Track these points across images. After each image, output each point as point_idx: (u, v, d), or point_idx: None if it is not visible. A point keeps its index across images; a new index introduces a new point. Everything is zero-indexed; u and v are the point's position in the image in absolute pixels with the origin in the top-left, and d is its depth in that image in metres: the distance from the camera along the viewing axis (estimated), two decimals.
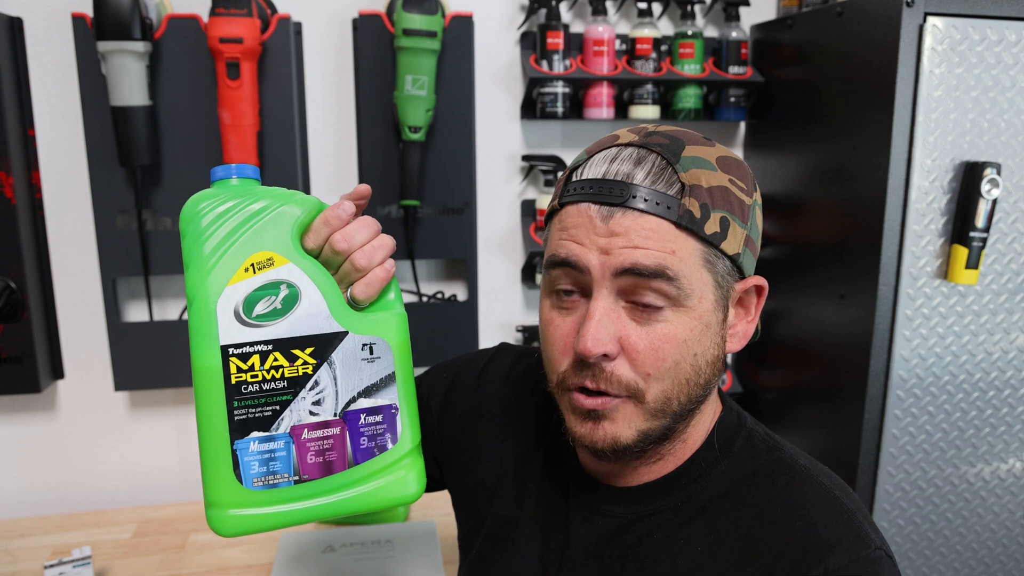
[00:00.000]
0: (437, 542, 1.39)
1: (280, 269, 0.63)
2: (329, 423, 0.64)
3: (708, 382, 0.66)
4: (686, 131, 0.66)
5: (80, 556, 1.20)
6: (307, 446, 0.64)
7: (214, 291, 0.62)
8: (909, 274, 1.25)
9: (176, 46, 1.37)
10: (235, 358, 0.62)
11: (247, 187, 0.65)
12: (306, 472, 0.63)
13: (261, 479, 0.63)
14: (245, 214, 0.63)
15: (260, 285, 0.62)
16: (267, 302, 0.63)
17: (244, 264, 0.62)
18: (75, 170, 1.45)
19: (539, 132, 1.65)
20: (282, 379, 0.63)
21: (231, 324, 0.62)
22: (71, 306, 1.50)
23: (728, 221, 0.62)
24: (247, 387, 0.62)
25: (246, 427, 0.62)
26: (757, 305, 0.69)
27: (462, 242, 1.57)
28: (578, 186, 0.63)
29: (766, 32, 1.62)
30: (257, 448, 0.62)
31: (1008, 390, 1.33)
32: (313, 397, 0.64)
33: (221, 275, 0.62)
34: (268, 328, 0.62)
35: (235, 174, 0.65)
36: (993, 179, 1.20)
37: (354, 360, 0.65)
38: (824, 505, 0.65)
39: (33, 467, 1.55)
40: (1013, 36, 1.20)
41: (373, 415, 0.65)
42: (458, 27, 1.48)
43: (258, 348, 0.62)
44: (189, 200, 0.64)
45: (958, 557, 1.38)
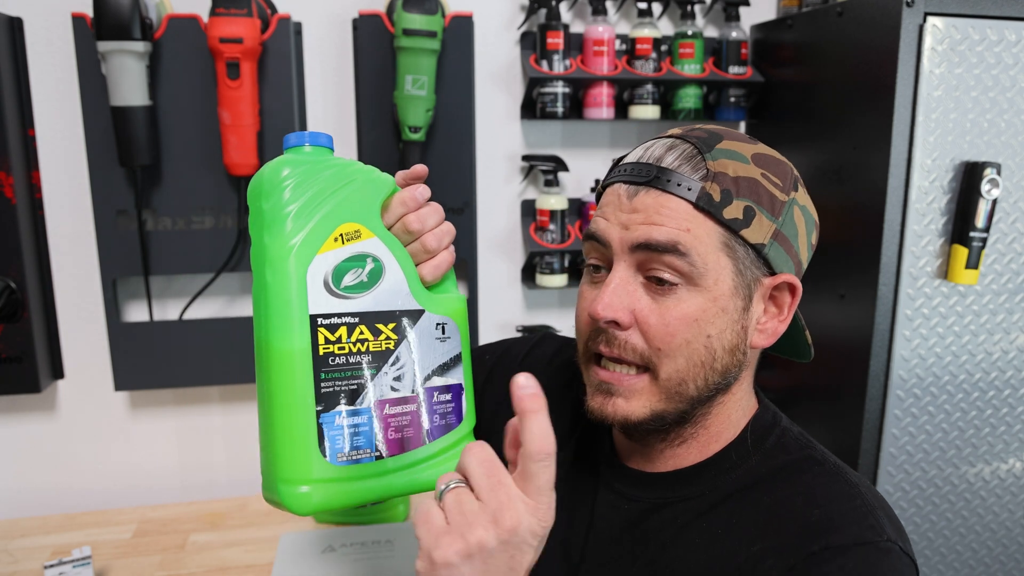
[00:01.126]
0: None
1: (367, 242, 0.62)
2: (408, 399, 0.64)
3: (726, 369, 0.67)
4: (731, 130, 0.70)
5: (80, 556, 1.20)
6: (388, 421, 0.63)
7: (304, 258, 0.60)
8: (909, 274, 1.25)
9: (176, 46, 1.37)
10: (324, 328, 0.60)
11: (323, 155, 0.63)
12: (385, 448, 0.62)
13: (345, 454, 0.60)
14: (331, 183, 0.62)
15: (349, 256, 0.61)
16: (355, 274, 0.62)
17: (334, 233, 0.61)
18: (75, 170, 1.45)
19: (539, 132, 1.65)
20: (367, 353, 0.62)
21: (320, 293, 0.60)
22: (71, 306, 1.50)
23: (753, 211, 0.64)
24: (334, 359, 0.61)
25: (333, 400, 0.60)
26: (791, 306, 0.69)
27: (462, 242, 1.57)
28: (617, 171, 0.69)
29: (766, 32, 1.62)
30: (343, 422, 0.60)
31: (1008, 390, 1.33)
32: (395, 372, 0.63)
33: (311, 243, 0.60)
34: (355, 300, 0.62)
35: (308, 141, 0.63)
36: (993, 179, 1.20)
37: (429, 338, 0.65)
38: (845, 499, 0.65)
39: (33, 467, 1.55)
40: (1013, 36, 1.20)
41: (444, 393, 0.66)
42: (458, 27, 1.47)
43: (346, 320, 0.61)
44: (268, 165, 0.62)
45: (958, 557, 1.38)
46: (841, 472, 0.68)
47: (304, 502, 0.59)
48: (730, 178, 0.64)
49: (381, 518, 1.47)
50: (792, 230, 0.67)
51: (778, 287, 0.68)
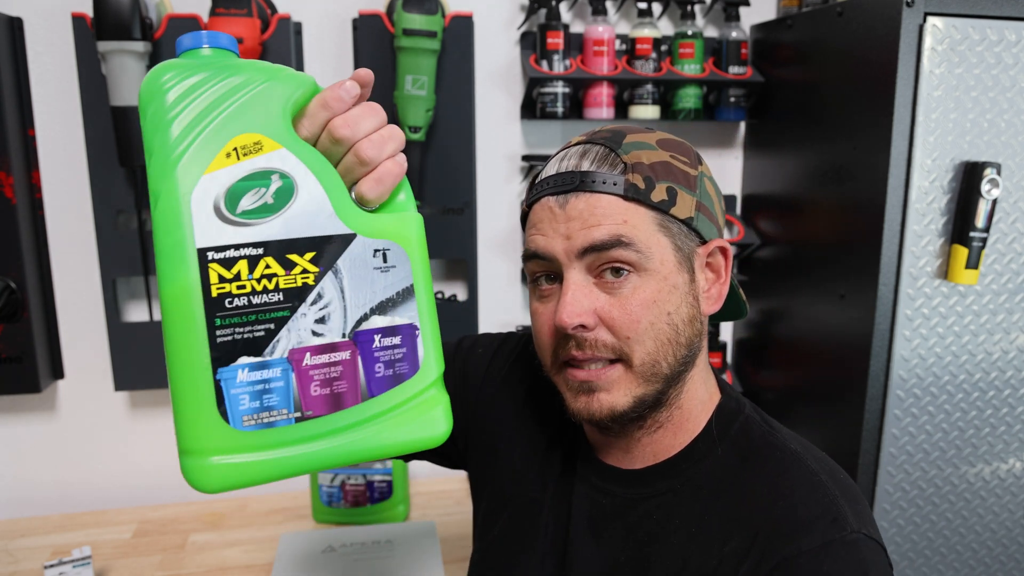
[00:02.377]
0: (437, 542, 1.39)
1: (271, 155, 0.50)
2: (337, 346, 0.52)
3: (690, 341, 0.70)
4: (629, 125, 0.74)
5: (80, 556, 1.20)
6: (310, 374, 0.51)
7: (187, 181, 0.48)
8: (909, 274, 1.25)
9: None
10: (216, 264, 0.49)
11: (222, 59, 0.52)
12: (310, 407, 0.51)
13: (253, 416, 0.50)
14: (224, 88, 0.50)
15: (247, 174, 0.50)
16: (255, 195, 0.50)
17: (226, 148, 0.49)
18: (75, 170, 1.45)
19: (539, 132, 1.65)
20: (276, 291, 0.50)
21: (210, 222, 0.49)
22: (71, 306, 1.50)
23: (675, 190, 0.68)
24: (232, 301, 0.49)
25: (232, 351, 0.49)
26: (726, 267, 0.73)
27: (462, 242, 1.57)
28: (539, 186, 0.72)
29: (766, 32, 1.62)
30: (247, 377, 0.49)
31: (1008, 390, 1.33)
32: (316, 314, 0.51)
33: (196, 162, 0.49)
34: (257, 227, 0.50)
35: (207, 43, 0.51)
36: (993, 179, 1.19)
37: (365, 269, 0.53)
38: (807, 488, 0.67)
39: (33, 467, 1.55)
40: (1013, 36, 1.20)
41: (390, 336, 0.53)
42: (458, 27, 1.48)
43: (245, 252, 0.49)
44: (150, 72, 0.50)
45: (958, 557, 1.38)
46: (801, 459, 0.70)
47: (208, 477, 0.49)
48: (646, 165, 0.68)
49: (381, 518, 1.47)
50: (708, 200, 0.72)
51: (711, 253, 0.72)
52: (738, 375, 1.77)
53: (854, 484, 0.71)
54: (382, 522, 1.47)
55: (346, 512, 1.46)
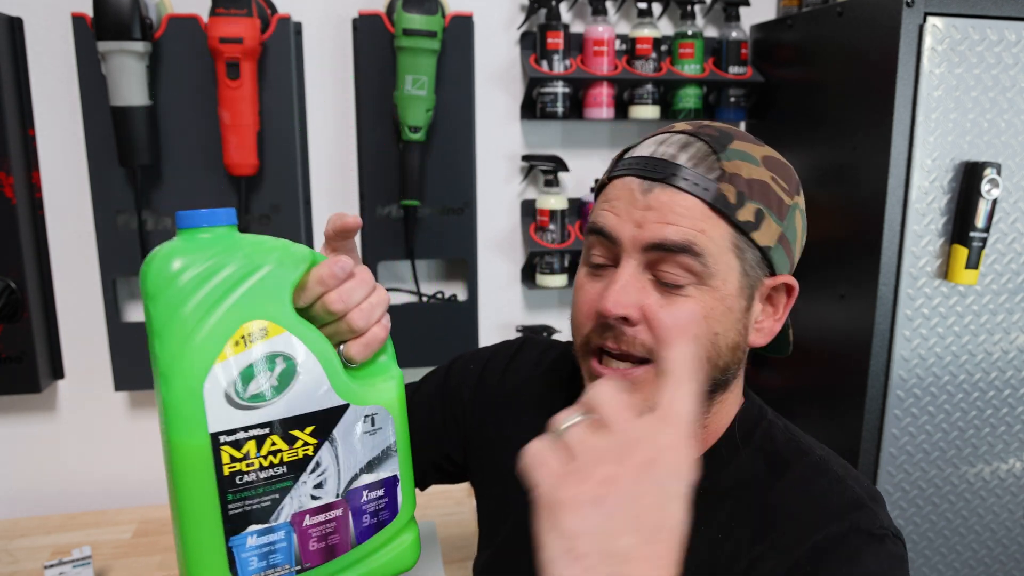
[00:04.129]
0: (437, 542, 1.39)
1: (276, 339, 0.53)
2: (332, 505, 0.57)
3: (727, 367, 0.67)
4: (739, 130, 0.70)
5: (80, 556, 1.20)
6: (309, 533, 0.56)
7: (199, 370, 0.51)
8: (909, 274, 1.25)
9: (176, 46, 1.36)
10: (228, 447, 0.52)
11: (224, 238, 0.54)
12: (308, 560, 0.56)
13: (260, 574, 0.55)
14: (233, 275, 0.52)
15: (255, 360, 0.52)
16: (262, 379, 0.53)
17: (235, 336, 0.52)
18: (75, 170, 1.45)
19: (539, 132, 1.65)
20: (281, 464, 0.54)
21: (221, 408, 0.52)
22: (71, 306, 1.50)
23: (763, 214, 0.65)
24: (242, 478, 0.53)
25: (243, 521, 0.53)
26: (786, 305, 0.70)
27: (462, 242, 1.57)
28: (627, 163, 0.67)
29: (766, 32, 1.62)
30: (255, 542, 0.54)
31: (1008, 390, 1.33)
32: (315, 480, 0.56)
33: (207, 350, 0.51)
34: (264, 409, 0.53)
35: (206, 222, 0.53)
36: (993, 179, 1.19)
37: (355, 434, 0.57)
38: (836, 493, 0.67)
39: (33, 467, 1.55)
40: (1013, 36, 1.20)
41: (375, 490, 0.59)
42: (458, 27, 1.47)
43: (253, 433, 0.53)
44: (156, 256, 0.52)
45: (958, 557, 1.38)
46: (827, 464, 0.70)
47: None
48: (743, 180, 0.64)
49: None
50: (793, 234, 0.68)
51: (776, 287, 0.69)
52: None
53: (876, 490, 0.71)
54: None
55: None
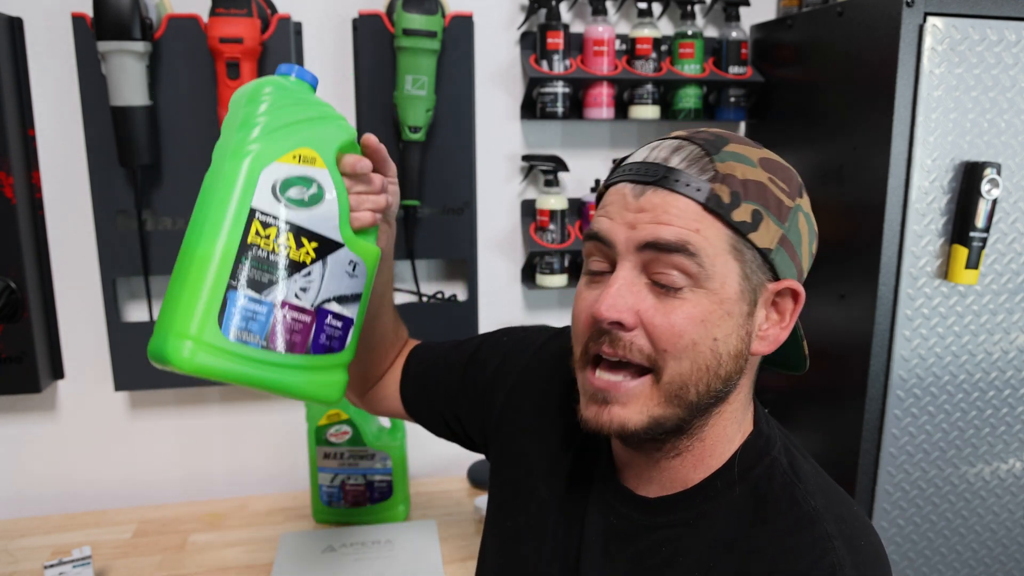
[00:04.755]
0: (437, 542, 1.39)
1: (318, 170, 0.71)
2: (305, 311, 0.71)
3: (728, 376, 0.66)
4: (735, 134, 0.69)
5: (80, 556, 1.20)
6: (283, 320, 0.70)
7: (263, 159, 0.69)
8: (909, 274, 1.25)
9: (176, 46, 1.37)
10: (258, 222, 0.68)
11: (304, 90, 0.74)
12: (271, 343, 0.69)
13: (238, 332, 0.67)
14: (304, 112, 0.72)
15: (300, 175, 0.70)
16: (300, 190, 0.70)
17: (294, 152, 0.70)
18: (75, 170, 1.45)
19: (539, 132, 1.65)
20: (286, 257, 0.69)
21: (266, 193, 0.69)
22: (71, 306, 1.50)
23: (761, 214, 0.63)
24: (258, 250, 0.68)
25: (244, 282, 0.67)
26: (793, 312, 0.68)
27: (462, 242, 1.57)
28: (621, 170, 0.68)
29: (766, 32, 1.62)
30: (245, 304, 0.67)
31: (1008, 390, 1.33)
32: (303, 283, 0.70)
33: (275, 149, 0.69)
34: (293, 211, 0.70)
35: (295, 73, 0.74)
36: (993, 179, 1.19)
37: (341, 269, 0.73)
38: (815, 554, 0.63)
39: (33, 467, 1.55)
40: (1013, 36, 1.20)
41: (337, 319, 0.74)
42: (458, 27, 1.48)
43: (279, 224, 0.69)
44: (258, 80, 0.73)
45: (958, 557, 1.38)
46: (817, 519, 0.65)
47: (186, 358, 0.64)
48: (738, 180, 0.63)
49: (381, 518, 1.47)
50: (796, 237, 0.66)
51: (780, 293, 0.67)
52: None
53: (876, 550, 0.67)
54: (382, 522, 1.47)
55: (346, 512, 1.46)
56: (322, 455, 1.44)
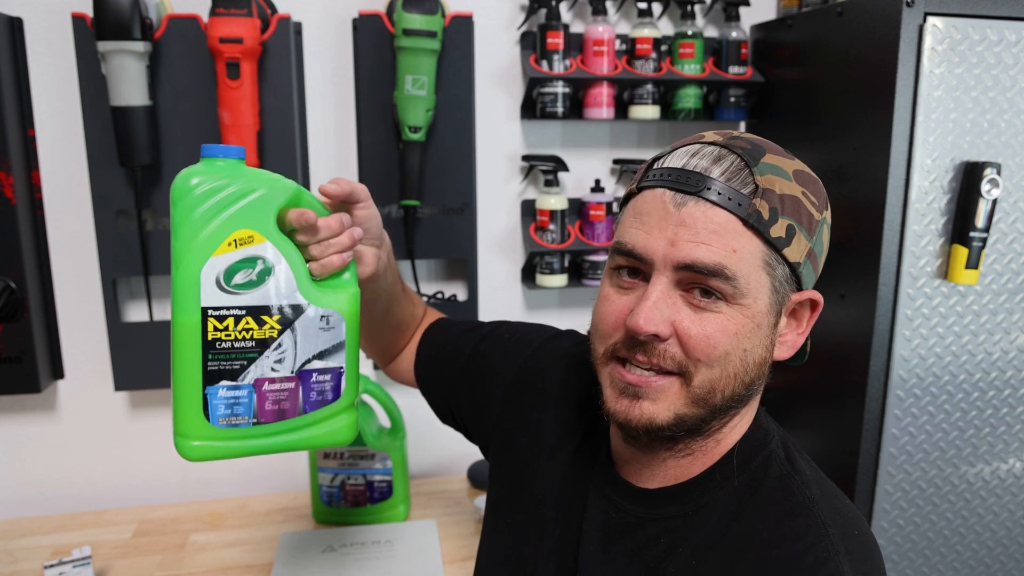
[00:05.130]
0: (437, 542, 1.39)
1: (258, 246, 0.73)
2: (287, 379, 0.75)
3: (752, 382, 0.67)
4: (769, 142, 0.69)
5: (80, 556, 1.20)
6: (266, 395, 0.75)
7: (200, 259, 0.71)
8: (909, 274, 1.25)
9: (176, 46, 1.37)
10: (213, 318, 0.72)
11: (234, 167, 0.73)
12: (263, 417, 0.75)
13: (226, 419, 0.74)
14: (232, 193, 0.71)
15: (240, 259, 0.72)
16: (245, 274, 0.72)
17: (228, 239, 0.71)
18: (75, 170, 1.45)
19: (539, 132, 1.65)
20: (251, 340, 0.73)
21: (212, 289, 0.72)
22: (71, 306, 1.50)
23: (794, 230, 0.65)
24: (221, 344, 0.72)
25: (218, 376, 0.73)
26: (810, 319, 0.70)
27: (462, 242, 1.57)
28: (658, 173, 0.67)
29: (766, 32, 1.62)
30: (224, 394, 0.74)
31: (1008, 390, 1.33)
32: (276, 356, 0.74)
33: (207, 246, 0.71)
34: (243, 296, 0.72)
35: (220, 154, 0.73)
36: (993, 179, 1.19)
37: (313, 328, 0.75)
38: (810, 538, 0.64)
39: (33, 467, 1.55)
40: (1013, 36, 1.20)
41: (323, 374, 0.77)
42: (458, 27, 1.47)
43: (233, 312, 0.72)
44: (181, 173, 0.72)
45: (958, 557, 1.38)
46: (812, 507, 0.67)
47: (192, 452, 0.74)
48: (776, 195, 0.64)
49: (381, 518, 1.47)
50: (820, 248, 0.68)
51: (801, 302, 0.69)
52: None
53: (870, 543, 0.68)
54: (382, 522, 1.47)
55: (346, 512, 1.46)
56: (322, 455, 1.44)
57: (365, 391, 1.43)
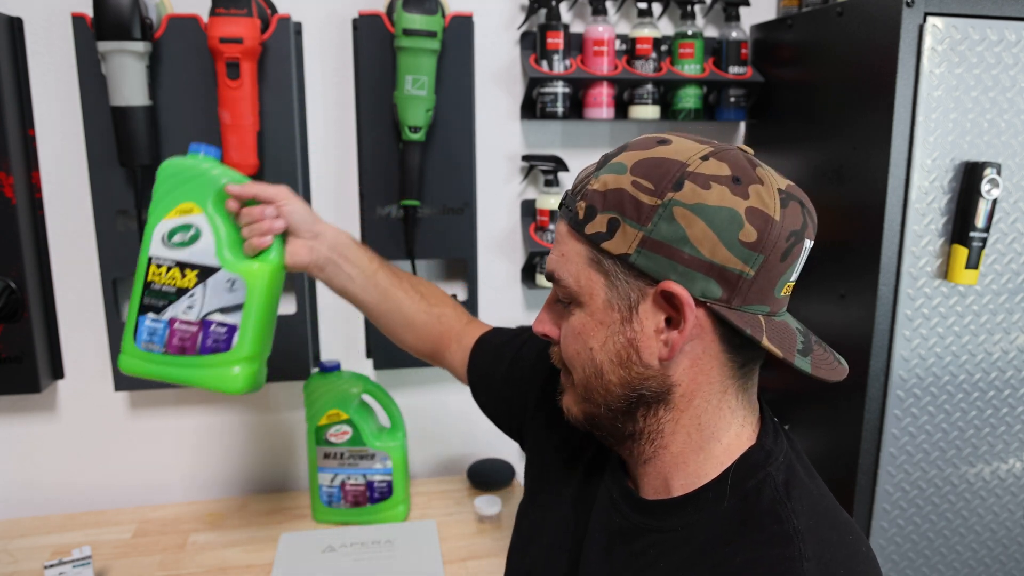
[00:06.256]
0: (437, 542, 1.39)
1: (195, 216, 0.99)
2: (193, 323, 0.99)
3: (625, 381, 0.68)
4: (651, 138, 0.67)
5: (80, 556, 1.20)
6: (175, 332, 0.99)
7: (155, 219, 1.00)
8: (909, 274, 1.25)
9: (176, 46, 1.36)
10: (153, 265, 1.00)
11: (203, 160, 1.00)
12: (170, 349, 0.99)
13: (145, 344, 1.00)
14: (188, 176, 1.00)
15: (179, 225, 0.99)
16: (181, 235, 0.99)
17: (178, 208, 0.99)
18: (75, 170, 1.45)
19: (539, 132, 1.65)
20: (174, 286, 0.99)
21: (158, 244, 1.00)
22: (71, 306, 1.50)
23: (617, 222, 0.64)
24: (154, 285, 1.00)
25: (147, 308, 1.00)
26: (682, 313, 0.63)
27: (462, 242, 1.57)
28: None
29: (766, 32, 1.62)
30: (148, 324, 1.00)
31: (1008, 390, 1.33)
32: (188, 303, 0.98)
33: (162, 210, 1.00)
34: (176, 252, 0.99)
35: (200, 151, 1.01)
36: (993, 179, 1.20)
37: (220, 287, 0.98)
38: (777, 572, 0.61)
39: (33, 467, 1.55)
40: (1013, 36, 1.20)
41: (221, 326, 0.98)
42: (458, 27, 1.47)
43: (166, 262, 1.00)
44: (165, 161, 1.02)
45: (958, 557, 1.38)
46: (793, 540, 0.62)
47: (121, 363, 1.02)
48: (599, 193, 0.66)
49: (381, 518, 1.47)
50: (674, 233, 0.61)
51: (665, 296, 0.64)
52: None
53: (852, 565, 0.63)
54: (382, 522, 1.47)
55: (346, 512, 1.46)
56: (322, 455, 1.44)
57: (365, 391, 1.43)
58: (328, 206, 1.56)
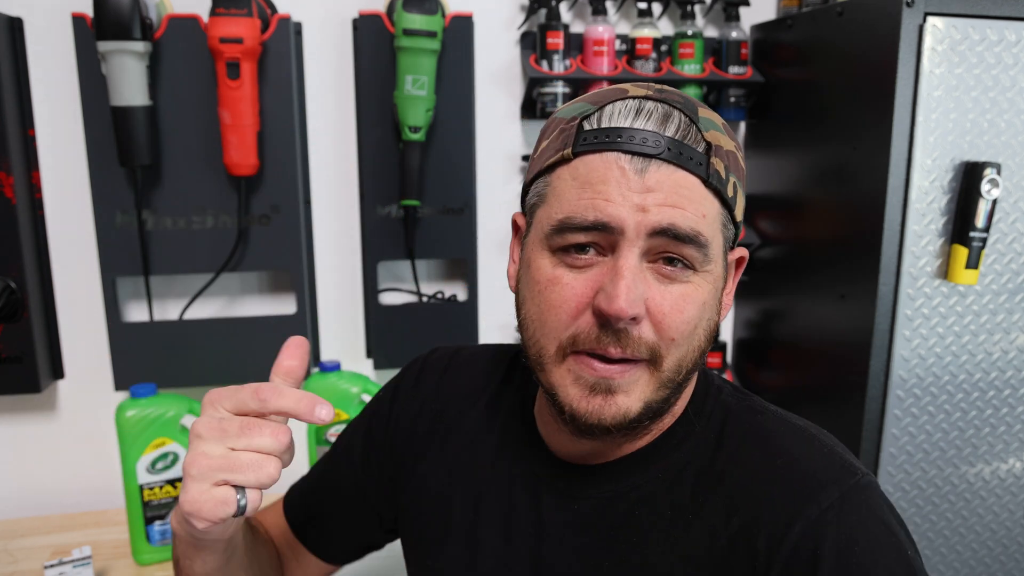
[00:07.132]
0: None
1: (169, 446, 1.26)
2: None
3: (705, 350, 0.63)
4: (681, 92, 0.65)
5: (80, 556, 1.20)
6: None
7: (135, 457, 1.25)
8: (909, 274, 1.25)
9: (176, 46, 1.36)
10: (146, 489, 1.27)
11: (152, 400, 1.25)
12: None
13: (159, 543, 1.29)
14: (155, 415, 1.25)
15: (159, 455, 1.26)
16: (163, 462, 1.26)
17: (153, 444, 1.25)
18: (75, 170, 1.45)
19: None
20: (170, 497, 1.27)
21: (145, 472, 1.26)
22: (71, 306, 1.50)
23: (738, 187, 0.61)
24: (152, 502, 1.28)
25: (152, 519, 1.28)
26: (735, 277, 0.67)
27: (462, 242, 1.57)
28: (600, 135, 0.58)
29: (766, 32, 1.62)
30: (158, 528, 1.29)
31: (1008, 390, 1.33)
32: None
33: (139, 449, 1.25)
34: (162, 475, 1.27)
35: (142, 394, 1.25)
36: (993, 179, 1.20)
37: None
38: (802, 442, 0.64)
39: (33, 467, 1.55)
40: (1013, 36, 1.20)
41: None
42: (458, 27, 1.47)
43: (157, 484, 1.27)
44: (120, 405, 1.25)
45: (958, 557, 1.38)
46: (786, 417, 0.67)
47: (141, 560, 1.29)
48: (724, 151, 0.59)
49: None
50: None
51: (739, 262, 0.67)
52: (738, 375, 1.77)
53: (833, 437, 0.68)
54: None
55: None
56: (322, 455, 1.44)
57: (364, 391, 1.43)
58: (328, 206, 1.56)
